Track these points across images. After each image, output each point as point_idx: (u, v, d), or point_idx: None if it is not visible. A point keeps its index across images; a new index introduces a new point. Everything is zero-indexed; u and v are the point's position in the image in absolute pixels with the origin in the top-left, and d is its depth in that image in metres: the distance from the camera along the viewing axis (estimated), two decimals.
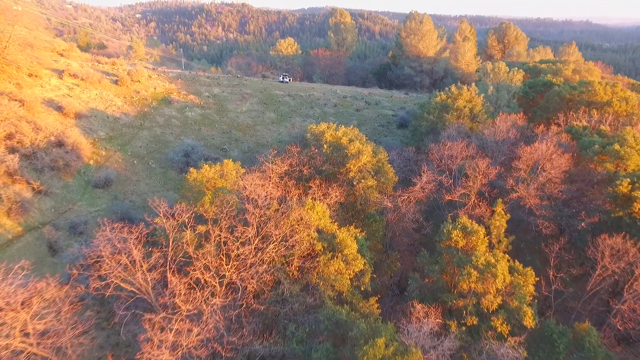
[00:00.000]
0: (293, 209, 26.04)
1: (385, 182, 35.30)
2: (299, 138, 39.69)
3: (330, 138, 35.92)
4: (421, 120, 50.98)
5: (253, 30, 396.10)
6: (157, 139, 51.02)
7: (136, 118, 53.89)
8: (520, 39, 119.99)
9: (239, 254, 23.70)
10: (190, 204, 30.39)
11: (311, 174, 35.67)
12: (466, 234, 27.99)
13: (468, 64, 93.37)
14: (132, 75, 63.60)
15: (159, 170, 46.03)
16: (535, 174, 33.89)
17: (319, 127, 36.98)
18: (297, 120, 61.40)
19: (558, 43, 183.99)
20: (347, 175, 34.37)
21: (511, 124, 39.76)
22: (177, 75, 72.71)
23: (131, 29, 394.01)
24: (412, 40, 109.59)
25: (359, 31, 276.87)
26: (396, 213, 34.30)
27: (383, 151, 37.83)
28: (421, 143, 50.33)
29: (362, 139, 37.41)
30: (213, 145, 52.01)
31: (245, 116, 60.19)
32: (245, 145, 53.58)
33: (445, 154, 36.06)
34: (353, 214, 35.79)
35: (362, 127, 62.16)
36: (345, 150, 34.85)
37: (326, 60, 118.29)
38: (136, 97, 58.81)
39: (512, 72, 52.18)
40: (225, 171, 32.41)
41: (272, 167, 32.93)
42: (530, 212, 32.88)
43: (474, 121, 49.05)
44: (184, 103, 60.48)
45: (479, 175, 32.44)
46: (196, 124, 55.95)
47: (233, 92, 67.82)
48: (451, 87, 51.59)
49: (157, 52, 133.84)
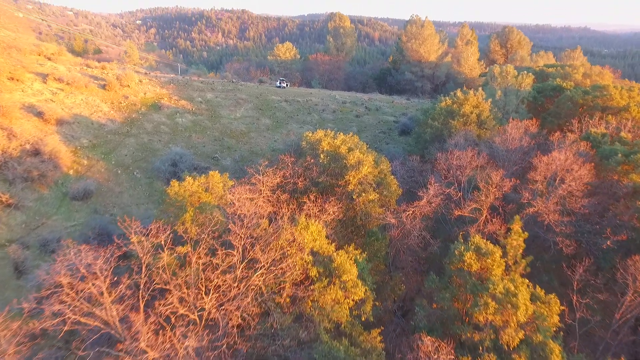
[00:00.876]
0: (284, 229, 22.87)
1: (388, 195, 32.15)
2: (293, 146, 36.63)
3: (327, 147, 32.84)
4: (425, 127, 47.95)
5: (253, 36, 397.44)
6: (144, 146, 47.93)
7: (123, 124, 50.85)
8: (524, 44, 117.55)
9: (219, 283, 20.50)
10: (171, 221, 27.33)
11: (306, 187, 32.54)
12: (480, 256, 24.80)
13: (471, 68, 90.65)
14: (121, 79, 60.73)
15: (145, 181, 42.89)
16: (554, 186, 30.76)
17: (315, 135, 33.92)
18: (294, 126, 58.40)
19: (557, 49, 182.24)
20: (346, 187, 31.24)
21: (524, 131, 36.68)
22: (169, 80, 69.87)
23: (131, 35, 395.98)
24: (413, 45, 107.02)
25: (359, 37, 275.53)
26: (400, 229, 31.11)
27: (385, 161, 34.72)
28: (425, 151, 47.26)
29: (362, 148, 34.32)
30: (203, 154, 48.93)
31: (239, 122, 57.18)
32: (238, 153, 50.51)
33: (454, 164, 32.94)
34: (353, 229, 32.62)
35: (362, 133, 59.17)
36: (344, 161, 31.76)
37: (325, 65, 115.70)
38: (124, 103, 55.85)
39: (521, 76, 49.25)
40: (211, 184, 29.29)
41: (263, 179, 29.80)
42: (549, 228, 29.69)
43: (482, 128, 46.01)
44: (175, 109, 57.49)
45: (492, 188, 29.30)
46: (186, 130, 52.91)
47: (227, 97, 64.89)
48: (457, 91, 48.65)
49: (153, 57, 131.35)
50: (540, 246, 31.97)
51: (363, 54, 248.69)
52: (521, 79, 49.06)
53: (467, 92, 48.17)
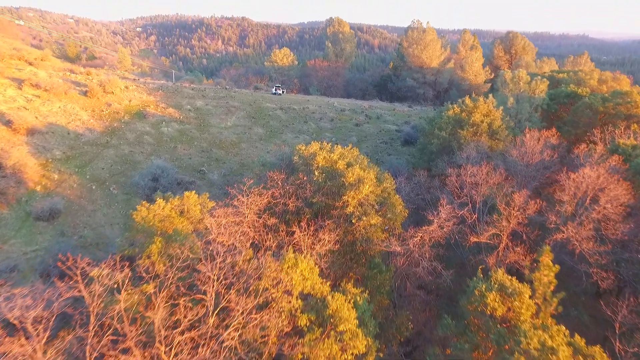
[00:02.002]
0: (268, 267, 18.66)
1: (392, 218, 27.97)
2: (285, 160, 32.51)
3: (323, 162, 28.70)
4: (431, 137, 43.89)
5: (253, 43, 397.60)
6: (123, 159, 43.80)
7: (102, 134, 46.79)
8: (528, 49, 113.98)
9: (184, 341, 16.22)
10: (137, 252, 23.18)
11: (299, 208, 28.36)
12: (505, 297, 20.61)
13: (476, 75, 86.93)
14: (104, 86, 56.85)
15: (122, 197, 38.71)
16: (583, 207, 26.59)
17: (309, 149, 29.78)
18: (289, 136, 54.35)
19: (556, 56, 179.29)
20: (344, 210, 27.08)
21: (544, 143, 32.59)
22: (158, 87, 66.01)
23: (131, 43, 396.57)
24: (415, 50, 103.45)
25: (358, 45, 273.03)
26: (407, 258, 26.92)
27: (389, 178, 30.56)
28: (432, 164, 43.15)
29: (362, 162, 30.19)
30: (189, 167, 44.80)
31: (229, 132, 53.12)
32: (227, 166, 46.37)
33: (467, 182, 28.80)
34: (352, 256, 28.37)
35: (362, 144, 55.15)
36: (342, 179, 27.61)
37: (324, 71, 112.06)
38: (106, 111, 51.86)
39: (535, 82, 45.29)
40: (187, 206, 25.15)
41: (248, 201, 25.63)
42: (581, 257, 25.47)
43: (493, 138, 41.96)
44: (161, 117, 53.46)
45: (513, 211, 25.12)
46: (172, 141, 48.84)
47: (218, 105, 60.93)
48: (465, 99, 44.65)
49: (147, 63, 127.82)
50: (569, 276, 27.71)
51: (363, 61, 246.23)
52: (535, 85, 45.11)
53: (476, 100, 44.19)
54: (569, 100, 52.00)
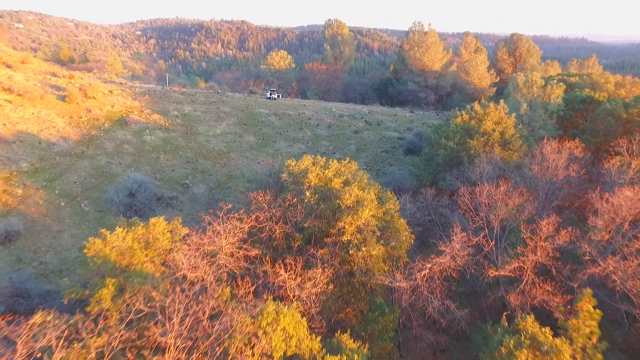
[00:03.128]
0: (241, 323, 14.67)
1: (396, 246, 24.00)
2: (273, 177, 28.54)
3: (315, 180, 24.73)
4: (437, 147, 39.99)
5: (252, 47, 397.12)
6: (99, 171, 39.84)
7: (78, 143, 42.84)
8: (533, 52, 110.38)
9: None
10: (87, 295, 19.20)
11: (288, 234, 24.36)
12: (538, 354, 16.67)
13: (481, 78, 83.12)
14: (85, 90, 52.95)
15: (94, 215, 34.72)
16: (620, 234, 22.62)
17: (300, 164, 25.79)
18: (282, 145, 50.40)
19: (556, 59, 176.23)
20: (341, 237, 23.11)
21: (568, 157, 28.64)
22: (145, 91, 62.10)
23: (131, 46, 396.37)
24: (416, 53, 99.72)
25: (358, 48, 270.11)
26: (414, 293, 22.93)
27: (392, 197, 26.62)
28: (438, 176, 39.27)
29: (361, 179, 26.25)
30: (171, 180, 40.81)
31: (218, 140, 49.17)
32: (214, 178, 42.39)
33: (483, 202, 24.84)
34: (350, 289, 24.40)
35: (361, 153, 51.22)
36: (338, 201, 23.63)
37: (322, 74, 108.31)
38: (85, 117, 47.93)
39: (550, 87, 41.42)
40: (153, 236, 21.16)
41: (226, 229, 21.64)
42: (623, 295, 21.47)
43: (506, 148, 38.06)
44: (144, 124, 49.52)
45: (540, 241, 21.15)
46: (155, 150, 44.87)
47: (208, 110, 57.03)
48: (474, 104, 40.78)
49: (140, 66, 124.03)
50: (605, 316, 23.67)
51: (362, 64, 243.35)
52: (550, 90, 41.23)
53: (486, 106, 40.31)
54: (584, 105, 48.12)
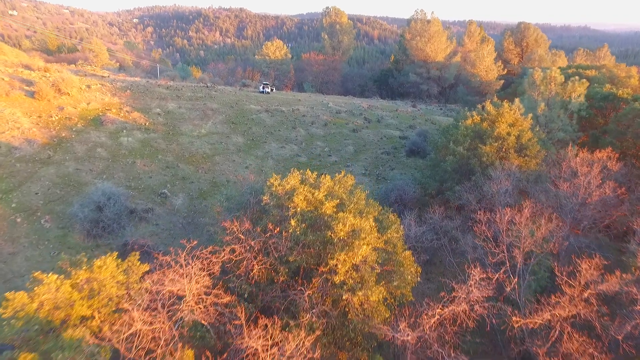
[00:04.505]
0: None
1: (401, 286, 19.93)
2: (255, 195, 24.29)
3: (303, 204, 20.52)
4: (445, 152, 35.72)
5: (251, 35, 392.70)
6: (66, 179, 35.60)
7: (45, 147, 38.53)
8: (541, 42, 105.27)
9: None
10: None
11: (272, 268, 20.25)
12: None
13: (487, 70, 78.30)
14: (58, 85, 48.41)
15: (56, 233, 30.59)
16: None
17: (285, 183, 21.52)
18: (273, 147, 46.03)
19: (558, 48, 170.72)
20: (332, 276, 19.01)
21: (600, 170, 24.40)
22: (127, 85, 57.54)
23: (128, 34, 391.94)
24: (418, 43, 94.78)
25: (358, 36, 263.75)
26: (421, 346, 18.91)
27: (395, 221, 22.42)
28: (445, 185, 35.05)
29: (359, 199, 22.06)
30: (148, 188, 36.57)
31: (202, 142, 44.80)
32: (196, 186, 38.15)
33: (504, 229, 20.69)
34: (343, 333, 20.37)
35: (360, 155, 46.92)
36: (329, 232, 19.45)
37: (319, 65, 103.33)
38: (56, 116, 43.52)
39: (571, 83, 36.94)
40: (99, 282, 17.01)
41: (192, 271, 17.50)
42: None
43: (522, 154, 33.78)
44: (122, 123, 45.11)
45: (578, 286, 17.05)
46: (131, 154, 40.55)
47: (194, 107, 52.53)
48: (486, 104, 36.36)
49: (130, 56, 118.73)
50: None
51: (362, 53, 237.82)
52: (571, 87, 36.77)
53: (499, 105, 35.88)
54: (605, 103, 43.70)
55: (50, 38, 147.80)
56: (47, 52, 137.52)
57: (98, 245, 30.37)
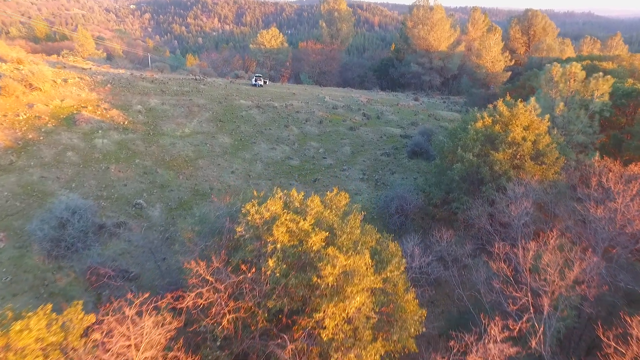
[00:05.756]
0: None
1: (402, 339, 16.42)
2: (232, 218, 20.60)
3: (285, 238, 16.89)
4: (452, 158, 32.03)
5: (250, 21, 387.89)
6: (29, 189, 31.92)
7: (7, 151, 34.77)
8: (549, 30, 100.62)
9: None
10: None
11: (246, 316, 16.74)
12: None
13: (494, 61, 73.97)
14: (29, 80, 44.45)
15: (11, 254, 27.00)
16: None
17: (264, 209, 17.83)
18: (262, 148, 42.23)
19: (562, 36, 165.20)
20: (319, 330, 15.49)
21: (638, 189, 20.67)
22: (108, 79, 53.50)
23: (125, 20, 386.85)
24: (421, 31, 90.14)
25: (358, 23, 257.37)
26: None
27: (396, 252, 18.81)
28: (452, 195, 31.46)
29: (352, 229, 18.41)
30: (121, 198, 32.91)
31: (185, 143, 41.00)
32: (176, 194, 34.48)
33: (527, 268, 17.14)
34: None
35: (358, 156, 43.16)
36: (315, 277, 15.86)
37: (317, 55, 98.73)
38: (24, 115, 39.66)
39: (594, 80, 32.99)
40: (15, 354, 13.45)
41: (144, 332, 13.96)
42: None
43: (539, 162, 30.07)
44: (98, 123, 41.27)
45: (629, 352, 13.56)
46: (105, 158, 36.81)
47: (178, 103, 48.59)
48: (498, 103, 32.48)
49: (121, 45, 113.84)
50: None
51: (362, 40, 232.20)
52: (594, 85, 32.82)
53: (513, 105, 32.01)
54: (628, 101, 39.82)
55: (38, 26, 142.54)
56: (35, 41, 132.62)
57: (60, 267, 26.83)
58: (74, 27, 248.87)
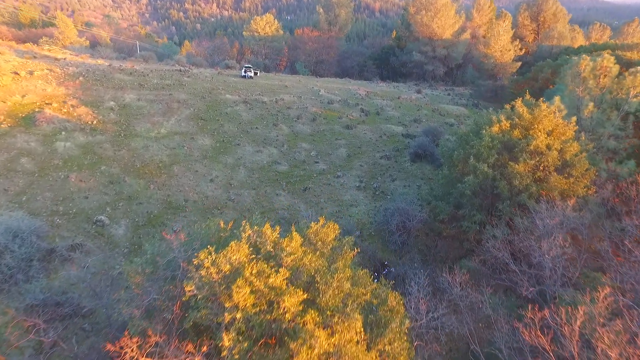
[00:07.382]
0: None
1: None
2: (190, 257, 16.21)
3: (249, 301, 12.51)
4: (463, 168, 27.54)
5: (249, 7, 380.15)
6: None
7: None
8: (560, 16, 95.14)
9: None
10: None
11: None
12: None
13: (503, 51, 68.75)
14: None
15: None
16: None
17: (222, 259, 13.40)
18: (247, 150, 37.65)
19: (571, 22, 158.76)
20: None
21: None
22: (81, 71, 48.65)
23: (122, 6, 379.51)
24: (424, 18, 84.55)
25: (358, 8, 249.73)
26: None
27: (397, 310, 14.44)
28: (461, 212, 27.03)
29: (340, 281, 14.04)
30: (80, 214, 28.46)
31: (160, 146, 36.41)
32: (144, 208, 30.01)
33: (574, 346, 12.82)
34: None
35: (354, 160, 38.62)
36: (289, 355, 11.57)
37: (313, 43, 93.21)
38: None
39: (631, 76, 28.27)
40: None
41: None
42: None
43: (565, 173, 25.58)
44: (62, 123, 36.64)
45: None
46: (66, 165, 32.27)
47: (157, 99, 43.84)
48: (516, 103, 27.75)
49: (107, 32, 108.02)
50: None
51: (362, 26, 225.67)
52: (631, 82, 28.10)
53: (534, 105, 27.36)
54: None
55: (23, 10, 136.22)
56: (18, 27, 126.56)
57: None
58: (70, 12, 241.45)
